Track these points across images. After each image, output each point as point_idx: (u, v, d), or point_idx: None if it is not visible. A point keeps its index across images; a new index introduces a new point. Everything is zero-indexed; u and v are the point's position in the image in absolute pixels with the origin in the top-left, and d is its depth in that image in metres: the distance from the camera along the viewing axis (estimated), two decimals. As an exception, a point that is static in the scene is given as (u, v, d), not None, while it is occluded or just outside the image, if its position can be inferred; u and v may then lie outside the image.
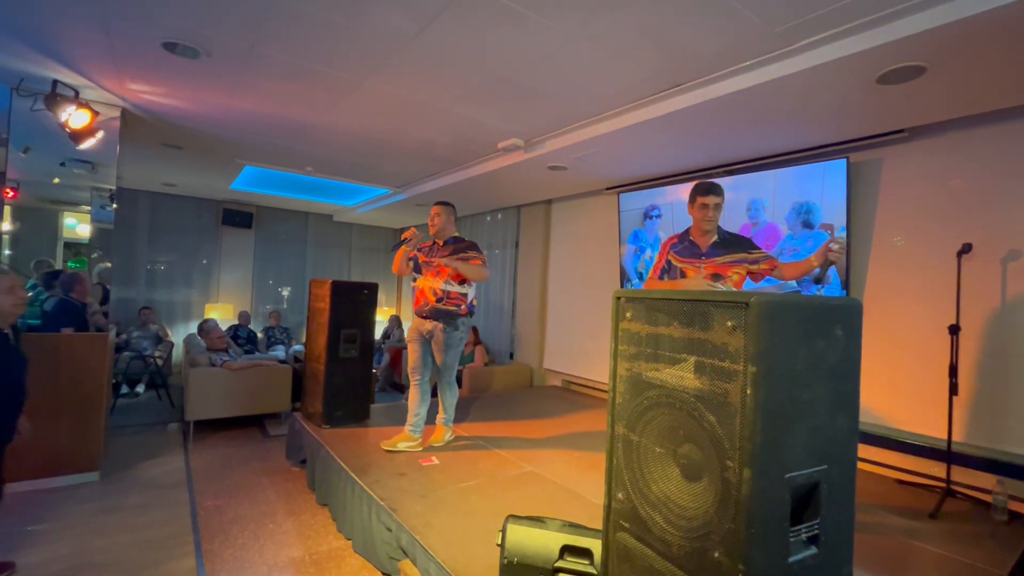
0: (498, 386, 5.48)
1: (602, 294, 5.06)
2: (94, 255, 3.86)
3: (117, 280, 6.56)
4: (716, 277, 2.37)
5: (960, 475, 2.71)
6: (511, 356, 6.21)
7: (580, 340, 5.30)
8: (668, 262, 2.44)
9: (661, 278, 2.47)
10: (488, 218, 6.82)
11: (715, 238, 2.42)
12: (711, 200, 2.36)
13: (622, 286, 4.76)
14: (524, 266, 6.14)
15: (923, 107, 2.70)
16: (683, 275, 2.40)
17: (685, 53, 2.44)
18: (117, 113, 3.53)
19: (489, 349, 6.29)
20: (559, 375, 5.58)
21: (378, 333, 7.24)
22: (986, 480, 2.64)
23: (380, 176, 5.40)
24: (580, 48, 2.43)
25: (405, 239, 3.22)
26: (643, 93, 2.92)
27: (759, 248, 2.46)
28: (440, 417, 3.31)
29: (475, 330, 6.12)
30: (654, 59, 2.51)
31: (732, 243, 2.44)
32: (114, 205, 3.66)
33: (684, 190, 4.23)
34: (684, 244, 2.45)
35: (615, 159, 4.00)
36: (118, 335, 5.87)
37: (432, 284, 3.16)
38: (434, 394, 3.43)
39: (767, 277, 2.46)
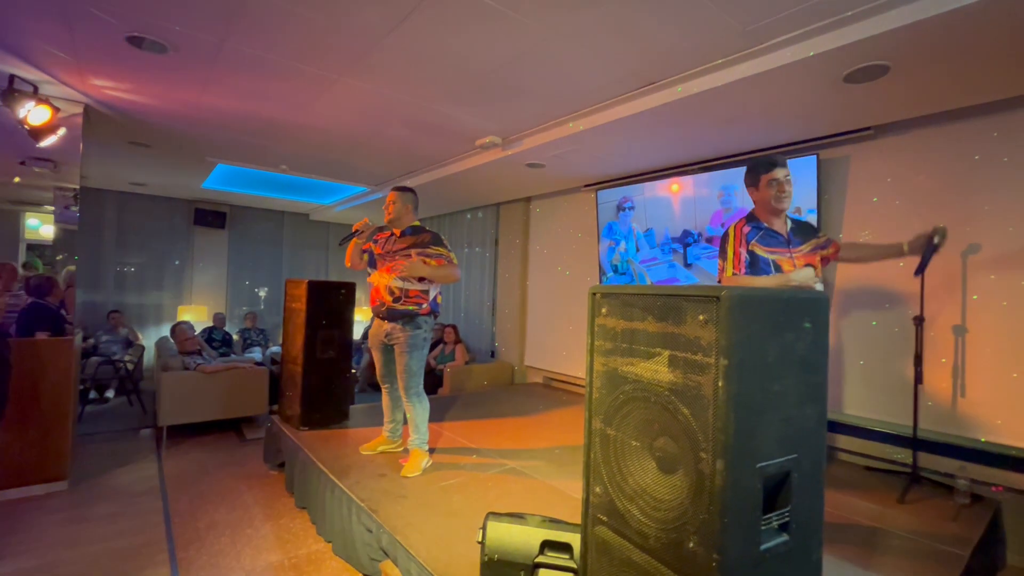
0: (479, 384, 5.47)
1: (582, 291, 5.09)
2: (59, 257, 3.73)
3: (83, 283, 6.35)
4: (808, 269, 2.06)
5: (926, 461, 2.81)
6: (492, 354, 6.21)
7: (560, 337, 5.33)
8: (752, 253, 2.01)
9: (749, 273, 1.99)
10: (468, 216, 6.80)
11: (790, 224, 2.11)
12: (780, 173, 2.01)
13: (601, 283, 4.81)
14: (504, 264, 6.14)
15: (888, 105, 2.78)
16: (778, 268, 2.01)
17: (659, 51, 2.46)
18: (80, 109, 3.41)
19: (470, 347, 6.27)
20: (540, 372, 5.60)
21: (358, 333, 7.16)
22: (950, 465, 2.74)
23: (357, 174, 5.33)
24: (556, 46, 2.44)
25: (356, 231, 2.92)
26: (619, 91, 2.94)
27: (819, 231, 2.19)
28: (410, 440, 2.86)
29: (455, 328, 6.10)
30: (629, 57, 2.53)
31: (802, 229, 2.13)
32: (77, 206, 3.54)
33: (662, 186, 4.28)
34: (762, 232, 2.05)
35: (592, 156, 4.02)
36: (85, 339, 5.69)
37: (387, 281, 2.84)
38: None
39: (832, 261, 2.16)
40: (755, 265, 2.01)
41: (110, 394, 5.45)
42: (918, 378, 2.71)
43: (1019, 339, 2.60)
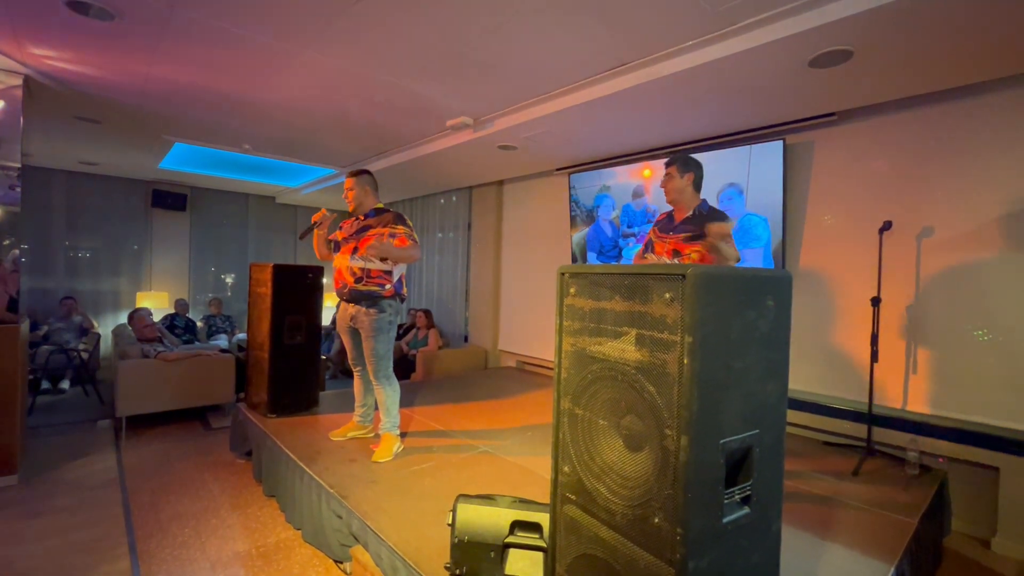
0: (452, 369, 5.46)
1: (554, 275, 5.09)
2: (6, 243, 3.51)
3: (31, 268, 6.01)
4: (675, 253, 2.23)
5: (880, 435, 2.95)
6: (465, 339, 6.19)
7: (533, 321, 5.34)
8: (650, 238, 2.41)
9: (644, 254, 2.46)
10: (441, 200, 6.70)
11: (689, 213, 2.28)
12: (665, 171, 2.33)
13: (574, 266, 4.81)
14: (477, 248, 6.09)
15: (850, 91, 2.83)
16: (652, 250, 2.35)
17: (631, 31, 2.44)
18: (18, 81, 3.17)
19: (443, 332, 6.24)
20: (513, 356, 5.62)
21: (327, 318, 7.02)
22: (901, 438, 2.88)
23: (324, 155, 5.16)
24: (527, 21, 2.38)
25: (315, 223, 2.92)
26: (591, 71, 2.91)
27: (724, 222, 2.18)
28: (381, 424, 2.84)
29: (429, 313, 6.05)
30: (601, 36, 2.50)
31: (703, 217, 2.23)
32: (19, 186, 3.32)
33: (632, 171, 4.29)
34: (667, 220, 2.40)
35: (564, 139, 3.99)
36: (35, 328, 5.40)
37: (348, 263, 2.83)
38: None
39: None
40: (648, 247, 2.44)
41: (64, 385, 5.21)
42: (874, 356, 2.83)
43: (966, 318, 2.73)
